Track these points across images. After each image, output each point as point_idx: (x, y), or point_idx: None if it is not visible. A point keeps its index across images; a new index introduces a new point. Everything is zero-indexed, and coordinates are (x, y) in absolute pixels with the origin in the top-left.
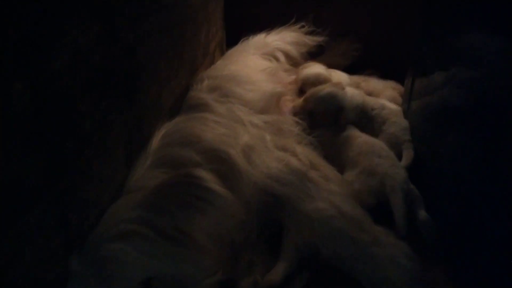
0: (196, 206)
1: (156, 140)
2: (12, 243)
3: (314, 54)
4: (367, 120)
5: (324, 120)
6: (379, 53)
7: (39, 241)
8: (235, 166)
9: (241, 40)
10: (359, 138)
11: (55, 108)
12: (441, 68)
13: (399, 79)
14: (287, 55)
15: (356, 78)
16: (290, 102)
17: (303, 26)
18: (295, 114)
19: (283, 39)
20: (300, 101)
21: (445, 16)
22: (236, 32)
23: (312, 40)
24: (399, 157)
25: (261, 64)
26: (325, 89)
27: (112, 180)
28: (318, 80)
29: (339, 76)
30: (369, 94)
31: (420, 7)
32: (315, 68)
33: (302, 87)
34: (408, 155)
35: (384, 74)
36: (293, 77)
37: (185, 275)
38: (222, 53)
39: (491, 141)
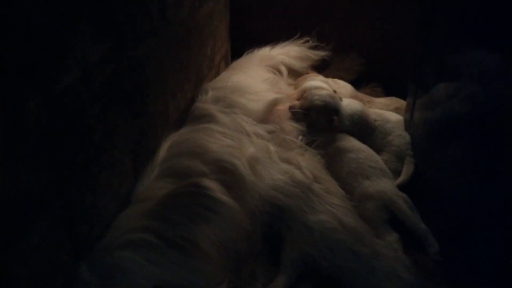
0: (202, 216)
1: (162, 151)
2: (22, 252)
3: (318, 68)
4: (369, 131)
5: (319, 120)
6: (381, 67)
7: (48, 250)
8: (241, 176)
9: (246, 52)
10: (350, 153)
11: (65, 122)
12: (442, 82)
13: (401, 93)
14: (291, 69)
15: (361, 96)
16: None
17: (307, 41)
18: (291, 112)
19: (288, 53)
20: (297, 101)
21: (444, 32)
22: (241, 46)
23: (315, 55)
24: (400, 171)
25: (263, 75)
26: (323, 90)
27: (119, 190)
28: None
29: (343, 86)
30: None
31: (420, 22)
32: (315, 81)
33: (301, 98)
34: (408, 169)
35: (385, 88)
36: (295, 90)
37: (191, 283)
38: (227, 65)
39: (491, 154)
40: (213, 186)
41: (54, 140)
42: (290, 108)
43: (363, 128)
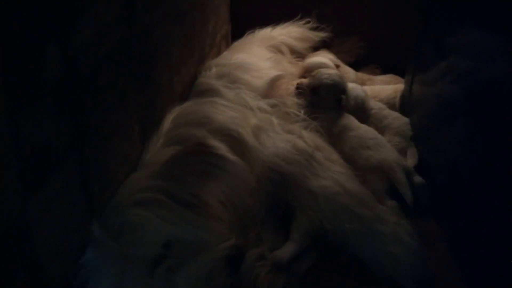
0: (210, 173)
1: (167, 122)
2: (42, 202)
3: (318, 50)
4: (364, 117)
5: (327, 99)
6: (381, 48)
7: (65, 205)
8: (246, 143)
9: (247, 33)
10: (352, 131)
11: (80, 76)
12: (439, 61)
13: (400, 74)
14: (292, 49)
15: (361, 75)
16: (292, 82)
17: (308, 22)
18: (298, 89)
19: (289, 33)
20: (304, 79)
21: (444, 11)
22: (241, 27)
23: (316, 36)
24: (405, 150)
25: (266, 55)
26: (333, 70)
27: (128, 155)
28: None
29: (347, 71)
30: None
31: (419, 3)
32: (320, 58)
33: (305, 74)
34: (413, 153)
35: (384, 70)
36: (298, 66)
37: (201, 240)
38: (228, 45)
39: (489, 132)
40: (219, 145)
41: (69, 96)
42: (298, 85)
43: (362, 112)
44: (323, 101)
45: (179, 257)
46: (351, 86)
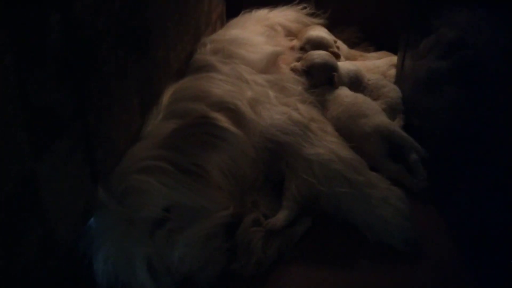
0: (211, 143)
1: (165, 98)
2: (49, 164)
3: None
4: (362, 88)
5: (320, 78)
6: (376, 34)
7: (70, 168)
8: (243, 115)
9: (243, 12)
10: (346, 98)
11: (81, 44)
12: (428, 34)
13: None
14: (287, 31)
15: (354, 52)
16: (289, 61)
17: (305, 8)
18: (293, 71)
19: (285, 16)
20: (298, 63)
21: None
22: (236, 9)
23: (312, 22)
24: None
25: (261, 31)
26: (323, 51)
27: (129, 126)
28: (321, 43)
29: (340, 45)
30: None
31: None
32: (320, 32)
33: (304, 46)
34: (399, 122)
35: (378, 47)
36: (292, 42)
37: (201, 207)
38: (223, 25)
39: (475, 98)
40: (220, 117)
41: (72, 63)
42: (292, 68)
43: (358, 84)
44: (317, 81)
45: (179, 220)
46: (340, 63)
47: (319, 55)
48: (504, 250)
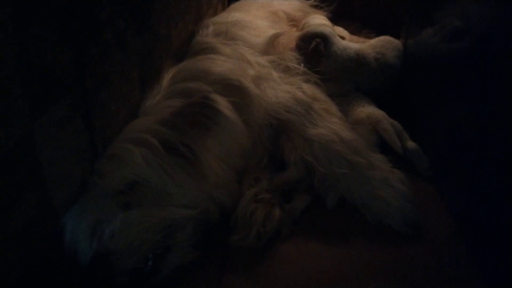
0: (203, 124)
1: (165, 80)
2: (46, 126)
3: None
4: (364, 69)
5: (307, 48)
6: (379, 23)
7: (68, 133)
8: (247, 91)
9: None
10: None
11: (82, 11)
12: (431, 22)
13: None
14: (290, 18)
15: (356, 38)
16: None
17: None
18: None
19: (290, 4)
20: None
21: None
22: None
23: (316, 13)
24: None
25: (264, 15)
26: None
27: (128, 98)
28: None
29: (342, 30)
30: None
31: None
32: (320, 19)
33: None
34: None
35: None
36: (295, 29)
37: (165, 190)
38: (224, 8)
39: (475, 87)
40: (219, 100)
41: (71, 24)
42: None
43: (361, 62)
44: (305, 52)
45: (140, 198)
46: (344, 43)
47: (307, 24)
48: (504, 235)
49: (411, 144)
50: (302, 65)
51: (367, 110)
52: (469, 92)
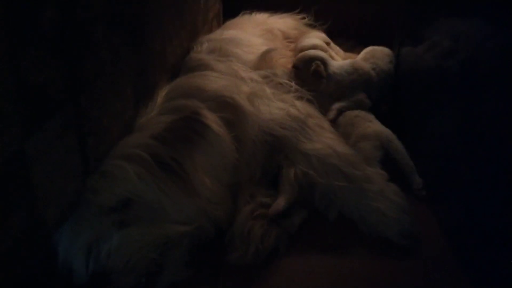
0: (191, 140)
1: (160, 97)
2: (40, 143)
3: None
4: (360, 83)
5: (306, 71)
6: (373, 40)
7: (61, 151)
8: (241, 108)
9: (242, 13)
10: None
11: (76, 26)
12: (423, 39)
13: None
14: (285, 36)
15: (350, 55)
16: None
17: (304, 18)
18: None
19: (284, 23)
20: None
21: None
22: (232, 10)
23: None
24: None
25: (258, 33)
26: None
27: (122, 115)
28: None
29: (336, 50)
30: None
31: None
32: (313, 39)
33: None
34: None
35: None
36: (291, 46)
37: (161, 207)
38: (219, 25)
39: (468, 99)
40: (208, 115)
41: (66, 44)
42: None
43: (359, 74)
44: (305, 75)
45: (135, 216)
46: (339, 63)
47: (303, 47)
48: (496, 247)
49: (410, 163)
50: (293, 82)
51: (375, 126)
52: (460, 109)
